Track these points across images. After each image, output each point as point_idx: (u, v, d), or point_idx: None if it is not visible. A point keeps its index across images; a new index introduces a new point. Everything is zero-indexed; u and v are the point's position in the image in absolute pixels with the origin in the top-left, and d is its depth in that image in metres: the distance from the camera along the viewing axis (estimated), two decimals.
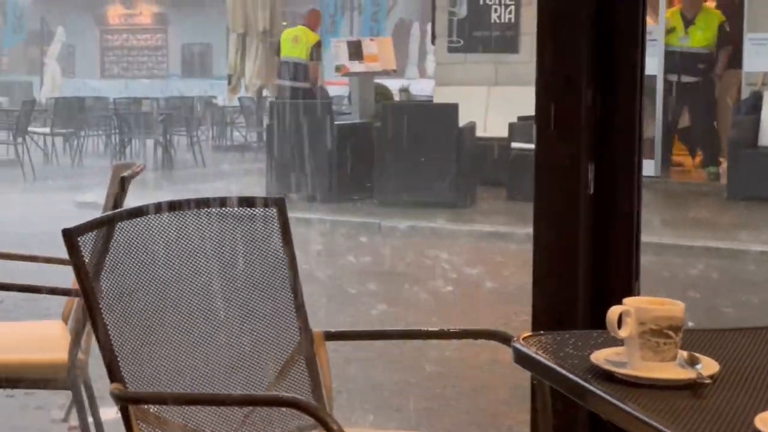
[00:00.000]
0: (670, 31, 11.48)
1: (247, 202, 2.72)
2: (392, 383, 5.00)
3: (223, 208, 2.69)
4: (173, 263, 2.57)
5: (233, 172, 15.51)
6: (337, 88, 27.58)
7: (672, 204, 10.66)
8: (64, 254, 3.72)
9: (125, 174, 3.24)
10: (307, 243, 8.32)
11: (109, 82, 39.63)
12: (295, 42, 13.04)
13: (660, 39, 11.37)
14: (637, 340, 1.74)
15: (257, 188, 12.10)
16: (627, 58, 2.65)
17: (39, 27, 35.40)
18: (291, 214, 2.70)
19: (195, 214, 2.66)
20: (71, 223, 2.51)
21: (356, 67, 12.16)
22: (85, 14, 42.77)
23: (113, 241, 2.47)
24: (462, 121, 10.48)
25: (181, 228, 2.61)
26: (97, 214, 8.96)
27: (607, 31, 2.65)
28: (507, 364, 4.85)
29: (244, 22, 18.50)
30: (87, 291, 2.29)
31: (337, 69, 12.49)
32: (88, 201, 11.57)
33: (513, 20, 11.82)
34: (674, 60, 11.36)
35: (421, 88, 25.38)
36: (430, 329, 2.48)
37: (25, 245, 8.97)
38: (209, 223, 2.66)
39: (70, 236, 2.30)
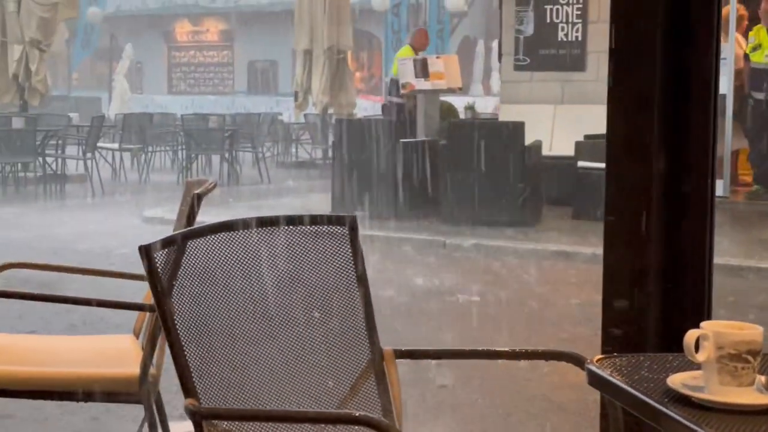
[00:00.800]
0: (756, 48, 11.39)
1: (318, 220, 2.74)
2: (461, 402, 4.99)
3: (295, 226, 2.71)
4: (245, 280, 2.59)
5: (298, 189, 15.60)
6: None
7: (740, 225, 10.54)
8: (133, 269, 3.78)
9: (198, 191, 3.28)
10: (372, 260, 8.34)
11: (176, 98, 40.10)
12: None
13: (730, 58, 11.26)
14: (715, 365, 1.72)
15: (322, 205, 12.16)
16: (701, 77, 2.63)
17: (108, 44, 35.97)
18: None
19: (267, 232, 2.69)
20: (139, 238, 2.54)
21: (422, 84, 12.18)
22: (154, 31, 43.36)
23: (186, 256, 2.49)
24: (528, 140, 10.45)
25: (253, 245, 2.63)
26: (165, 229, 9.10)
27: (681, 50, 2.63)
28: (575, 384, 4.81)
29: (310, 38, 18.63)
30: (162, 306, 2.33)
31: (403, 86, 12.52)
32: (156, 216, 11.72)
33: (580, 38, 11.77)
34: (760, 77, 11.24)
35: (486, 105, 25.38)
36: (501, 349, 2.47)
37: (94, 260, 9.11)
38: (281, 241, 2.68)
39: (146, 252, 2.33)
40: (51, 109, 22.48)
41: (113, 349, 3.50)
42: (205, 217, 3.17)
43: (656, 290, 2.73)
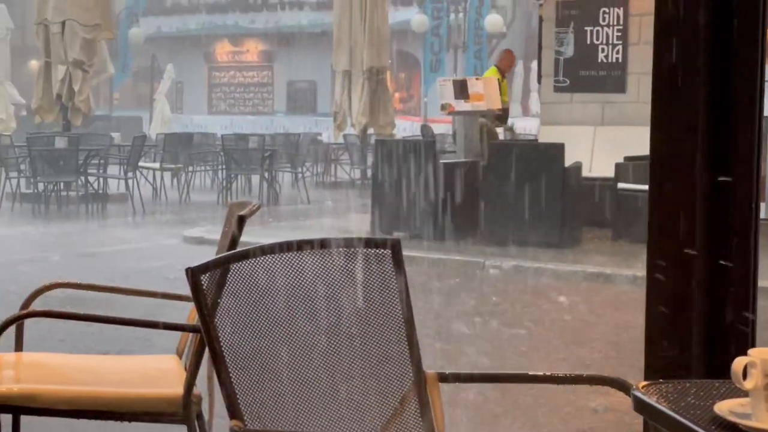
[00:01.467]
0: None
1: (361, 242, 2.75)
2: (502, 425, 4.97)
3: (337, 249, 2.72)
4: (288, 302, 2.61)
5: (337, 209, 15.64)
6: (440, 125, 27.67)
7: None
8: (173, 287, 3.81)
9: (242, 213, 3.30)
10: (412, 281, 8.32)
11: (216, 118, 40.37)
12: None
13: None
14: (763, 392, 1.72)
15: (362, 225, 12.20)
16: (745, 98, 2.62)
17: (149, 64, 36.30)
18: None
19: (310, 255, 2.69)
20: (179, 258, 2.57)
21: (462, 106, 12.19)
22: (194, 52, 43.70)
23: (230, 278, 2.51)
24: (568, 161, 10.42)
25: (296, 268, 2.64)
26: (205, 248, 9.12)
27: (725, 71, 2.62)
28: (619, 409, 4.78)
29: (350, 59, 18.70)
30: (208, 328, 2.35)
31: (443, 108, 12.53)
32: (196, 236, 11.79)
33: (620, 60, 11.75)
34: None
35: (525, 126, 25.34)
36: (545, 374, 2.47)
37: (135, 279, 9.18)
38: (324, 264, 2.69)
39: (192, 275, 2.35)
40: (93, 129, 22.72)
41: (156, 370, 3.52)
42: (246, 237, 3.20)
43: (700, 314, 2.71)
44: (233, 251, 2.64)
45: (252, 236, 7.40)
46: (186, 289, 2.46)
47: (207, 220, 13.85)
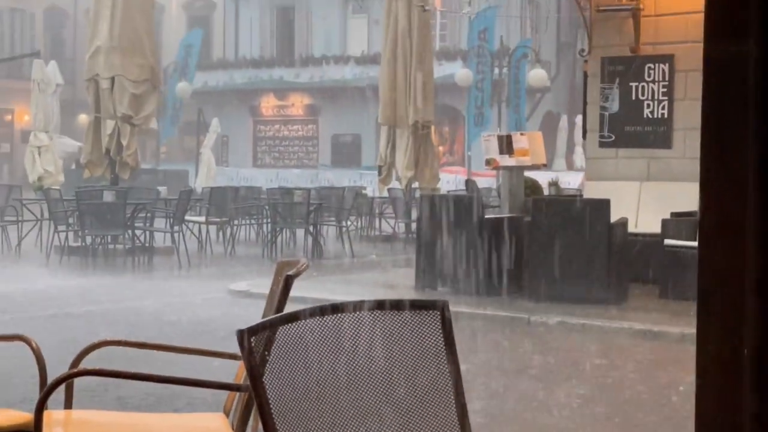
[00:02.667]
0: None
1: (409, 304, 2.75)
2: None
3: (386, 311, 2.73)
4: (336, 364, 2.61)
5: (382, 263, 15.65)
6: (484, 180, 27.68)
7: None
8: (219, 342, 3.83)
9: (290, 273, 3.32)
10: (457, 337, 8.30)
11: (261, 171, 40.68)
12: None
13: None
14: None
15: (406, 280, 12.19)
16: None
17: (196, 118, 36.71)
18: None
19: (359, 317, 2.70)
20: (225, 312, 2.59)
21: (506, 161, 12.21)
22: (240, 106, 44.17)
23: (279, 340, 2.53)
24: (614, 217, 10.38)
25: (344, 329, 2.65)
26: (250, 302, 9.16)
27: None
28: None
29: (394, 113, 18.82)
30: (258, 389, 2.36)
31: (488, 163, 12.55)
32: (241, 290, 11.83)
33: (666, 115, 11.73)
34: None
35: (569, 181, 25.31)
36: None
37: (180, 333, 9.22)
38: (373, 326, 2.70)
39: (243, 337, 2.37)
40: (140, 183, 22.97)
41: (204, 428, 3.54)
42: (291, 291, 3.22)
43: (752, 376, 2.69)
44: (282, 314, 2.65)
45: (297, 290, 7.40)
46: (233, 344, 2.47)
47: (252, 273, 13.90)
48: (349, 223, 18.60)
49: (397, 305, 2.74)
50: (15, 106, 47.42)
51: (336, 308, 2.70)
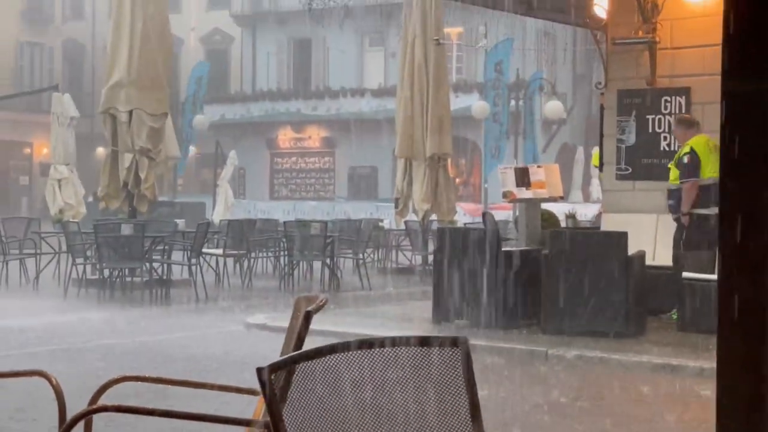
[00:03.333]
0: None
1: (429, 341, 2.75)
2: None
3: (406, 347, 2.73)
4: (356, 400, 2.61)
5: (399, 296, 15.63)
6: (501, 212, 27.65)
7: None
8: (235, 376, 3.82)
9: (310, 308, 3.33)
10: (475, 371, 8.27)
11: (278, 204, 40.80)
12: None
13: None
14: None
15: (423, 312, 12.17)
16: None
17: (213, 150, 36.87)
18: None
19: (378, 353, 2.70)
20: (242, 345, 2.60)
21: (523, 193, 12.20)
22: (257, 138, 44.36)
23: (298, 377, 2.53)
24: (631, 249, 10.36)
25: (363, 366, 2.65)
26: (267, 335, 9.14)
27: None
28: None
29: (411, 146, 18.86)
30: (277, 424, 2.37)
31: (504, 195, 12.55)
32: (258, 323, 11.83)
33: None
34: None
35: (586, 213, 25.25)
36: None
37: (197, 367, 9.22)
38: (392, 363, 2.70)
39: (262, 374, 2.37)
40: (157, 215, 23.03)
41: None
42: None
43: None
44: (302, 351, 2.66)
45: (314, 323, 7.39)
46: (251, 378, 2.48)
47: (269, 306, 13.91)
48: (365, 255, 18.59)
49: (417, 341, 2.74)
50: (33, 140, 47.77)
51: (356, 345, 2.70)
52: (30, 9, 48.92)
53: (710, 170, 10.51)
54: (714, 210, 10.07)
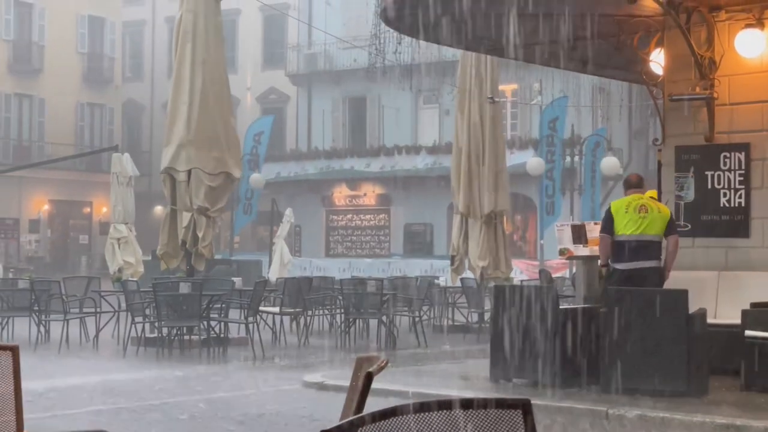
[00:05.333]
0: None
1: (490, 403, 2.74)
2: None
3: (467, 410, 2.71)
4: None
5: (455, 354, 15.55)
6: (557, 269, 27.48)
7: None
8: None
9: (371, 369, 3.32)
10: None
11: (334, 261, 40.89)
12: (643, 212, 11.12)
13: None
14: None
15: (480, 371, 12.08)
16: None
17: (269, 208, 37.10)
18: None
19: (438, 416, 2.69)
20: (299, 404, 2.58)
21: (580, 250, 12.14)
22: (313, 196, 44.60)
23: None
24: (692, 307, 10.22)
25: (424, 428, 2.65)
26: (324, 395, 9.15)
27: None
28: None
29: (467, 203, 18.86)
30: None
31: (561, 252, 12.49)
32: (315, 381, 11.81)
33: (743, 204, 11.57)
34: None
35: None
36: None
37: (254, 426, 9.22)
38: (453, 424, 2.69)
39: None
40: (214, 273, 23.19)
41: None
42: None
43: None
44: (364, 414, 2.65)
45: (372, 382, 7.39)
46: None
47: (326, 364, 13.89)
48: (421, 313, 18.53)
49: (478, 404, 2.73)
50: (93, 199, 48.43)
51: (417, 407, 2.69)
52: (90, 70, 49.84)
53: (622, 228, 11.05)
54: (627, 265, 10.96)
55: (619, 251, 11.07)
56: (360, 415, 2.63)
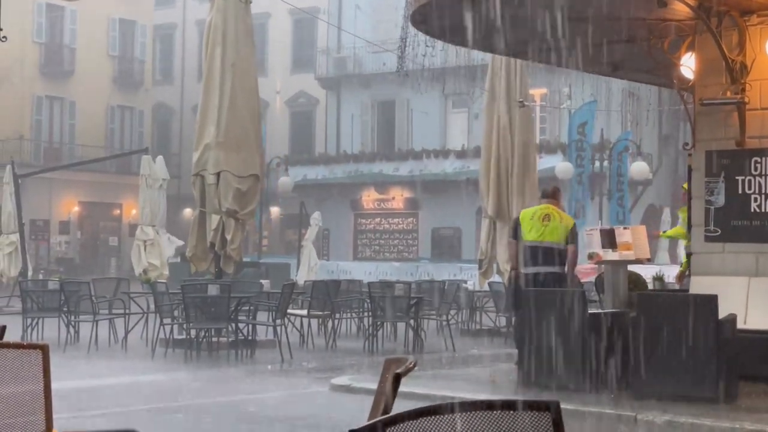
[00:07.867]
0: None
1: (520, 405, 2.73)
2: None
3: (495, 411, 2.71)
4: None
5: (483, 358, 15.52)
6: (585, 274, 27.35)
7: None
8: None
9: (399, 371, 3.32)
10: None
11: (361, 265, 40.87)
12: (546, 221, 12.22)
13: None
14: None
15: (508, 375, 12.06)
16: None
17: (297, 211, 37.17)
18: None
19: (468, 417, 2.69)
20: (326, 407, 2.59)
21: (609, 255, 12.07)
22: (341, 199, 44.63)
23: None
24: (722, 313, 10.15)
25: (452, 429, 2.64)
26: (352, 398, 9.15)
27: None
28: None
29: (496, 207, 18.80)
30: None
31: (590, 257, 12.43)
32: (343, 384, 11.82)
33: None
34: None
35: (673, 274, 24.85)
36: None
37: (282, 429, 9.23)
38: (482, 426, 2.68)
39: None
40: (243, 276, 23.24)
41: None
42: None
43: None
44: (392, 415, 2.65)
45: (400, 385, 7.38)
46: None
47: (353, 367, 13.89)
48: (449, 316, 18.50)
49: (507, 405, 2.72)
50: (123, 201, 48.68)
51: (445, 408, 2.68)
52: (121, 73, 50.11)
53: (527, 234, 12.13)
54: (530, 269, 12.03)
55: (525, 256, 12.09)
56: (387, 415, 2.63)
